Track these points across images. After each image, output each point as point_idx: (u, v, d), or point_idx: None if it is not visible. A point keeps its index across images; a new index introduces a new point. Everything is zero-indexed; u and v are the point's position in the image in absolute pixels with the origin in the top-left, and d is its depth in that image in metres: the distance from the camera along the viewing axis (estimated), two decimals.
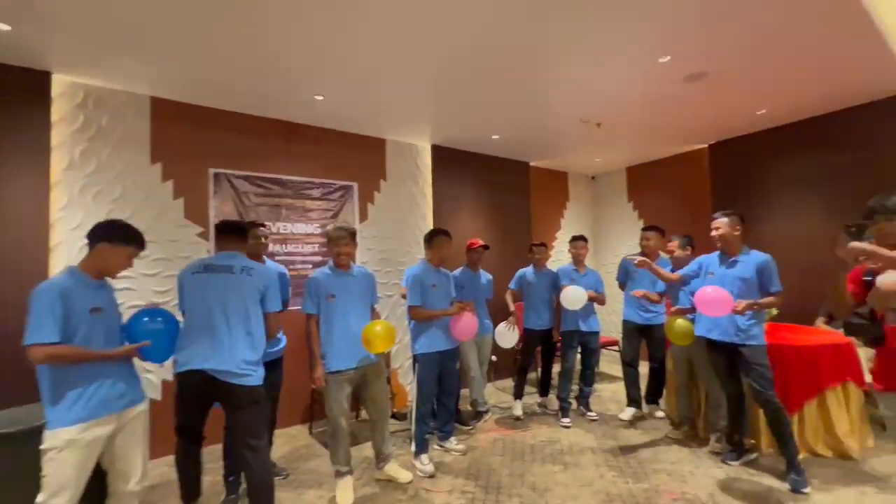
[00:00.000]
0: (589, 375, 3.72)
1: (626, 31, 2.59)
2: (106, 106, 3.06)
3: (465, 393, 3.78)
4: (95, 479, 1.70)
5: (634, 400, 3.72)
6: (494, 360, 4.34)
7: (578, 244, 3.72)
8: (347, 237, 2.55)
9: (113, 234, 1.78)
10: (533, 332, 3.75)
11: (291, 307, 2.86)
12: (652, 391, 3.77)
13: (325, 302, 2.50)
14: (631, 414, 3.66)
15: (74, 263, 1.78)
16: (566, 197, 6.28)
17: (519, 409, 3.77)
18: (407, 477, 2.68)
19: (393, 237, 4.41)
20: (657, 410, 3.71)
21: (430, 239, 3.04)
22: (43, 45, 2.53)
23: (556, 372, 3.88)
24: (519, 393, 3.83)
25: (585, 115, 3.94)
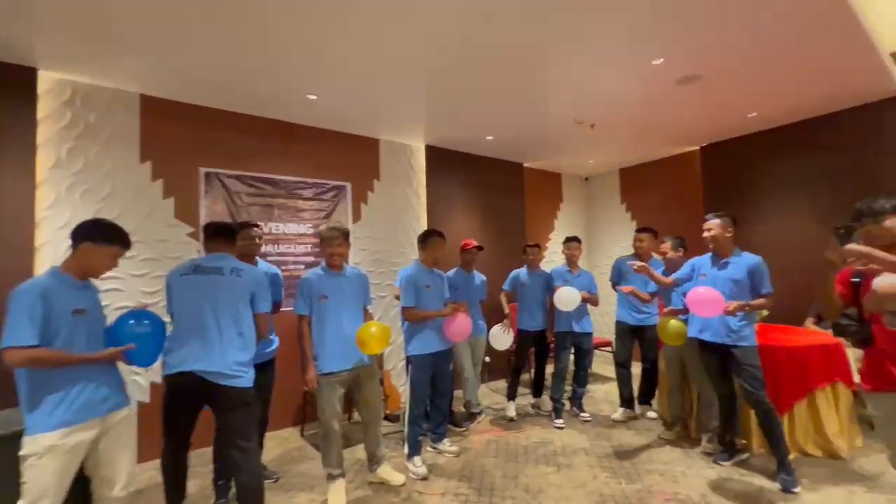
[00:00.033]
0: (582, 376, 3.73)
1: (620, 33, 2.59)
2: (94, 103, 3.01)
3: (458, 394, 3.77)
4: (79, 485, 1.66)
5: (627, 400, 3.73)
6: (488, 361, 4.34)
7: (572, 245, 3.73)
8: (340, 237, 2.53)
9: (97, 233, 1.73)
10: (527, 332, 3.75)
11: (284, 308, 2.83)
12: (644, 392, 3.79)
13: (317, 303, 2.48)
14: (623, 414, 3.68)
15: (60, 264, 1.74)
16: (560, 198, 6.30)
17: (512, 410, 3.77)
18: (400, 479, 2.66)
19: (386, 238, 4.39)
20: (649, 411, 3.73)
21: (423, 240, 3.02)
22: (29, 40, 2.48)
23: (549, 373, 3.88)
24: (512, 394, 3.83)
25: (579, 116, 3.95)
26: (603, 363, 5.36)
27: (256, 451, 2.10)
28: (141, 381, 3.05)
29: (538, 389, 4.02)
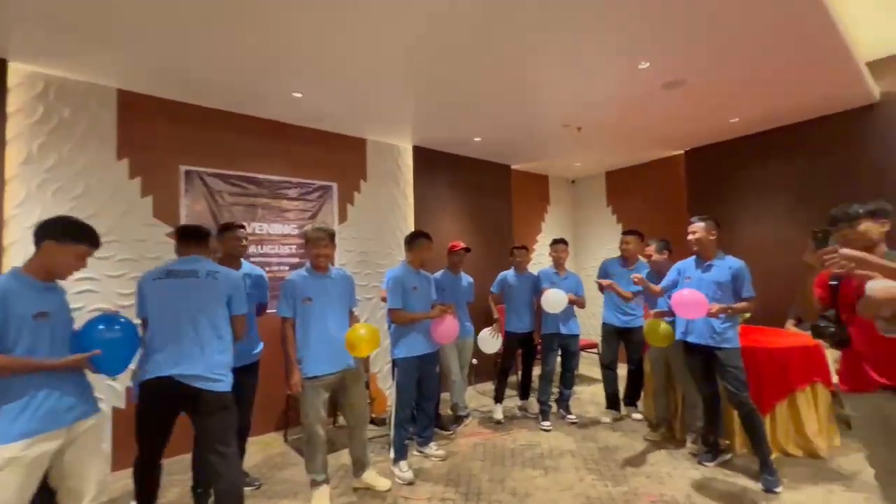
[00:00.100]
0: (569, 378, 3.73)
1: (606, 36, 2.61)
2: (68, 97, 2.89)
3: (445, 397, 3.74)
4: (43, 496, 1.57)
5: (613, 402, 3.75)
6: (475, 363, 4.32)
7: (559, 247, 3.74)
8: (327, 238, 2.48)
9: (60, 231, 1.62)
10: (514, 335, 3.75)
11: (269, 310, 2.76)
12: (630, 393, 3.81)
13: (301, 305, 2.42)
14: (609, 416, 3.70)
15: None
16: (547, 200, 6.33)
17: (499, 412, 3.75)
18: (385, 485, 2.62)
19: (373, 239, 4.34)
20: (635, 412, 3.76)
21: (410, 241, 2.99)
22: None
23: (535, 375, 3.88)
24: (499, 396, 3.81)
25: (566, 118, 3.97)
26: (589, 365, 5.39)
27: (236, 456, 2.05)
28: (117, 386, 2.94)
29: (525, 392, 4.01)
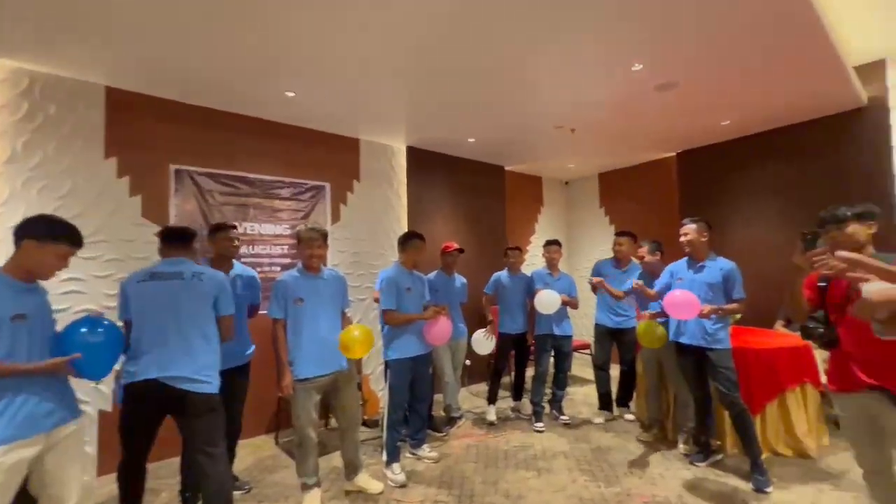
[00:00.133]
0: (562, 379, 3.73)
1: (600, 38, 2.61)
2: (54, 94, 2.84)
3: (438, 398, 3.72)
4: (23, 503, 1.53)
5: (606, 403, 3.76)
6: (468, 364, 4.31)
7: (552, 248, 3.75)
8: (320, 239, 2.46)
9: (40, 230, 1.57)
10: (507, 335, 3.74)
11: (261, 311, 2.73)
12: (622, 394, 3.82)
13: (292, 306, 2.40)
14: (602, 416, 3.71)
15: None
16: (541, 201, 6.34)
17: (493, 414, 3.74)
18: (377, 487, 2.59)
19: (366, 239, 4.31)
20: (627, 413, 3.77)
21: (404, 242, 2.98)
22: None
23: (528, 376, 3.88)
24: (493, 398, 3.81)
25: (560, 120, 3.97)
26: (582, 365, 5.40)
27: (224, 458, 2.03)
28: (103, 388, 2.88)
29: (518, 393, 4.01)
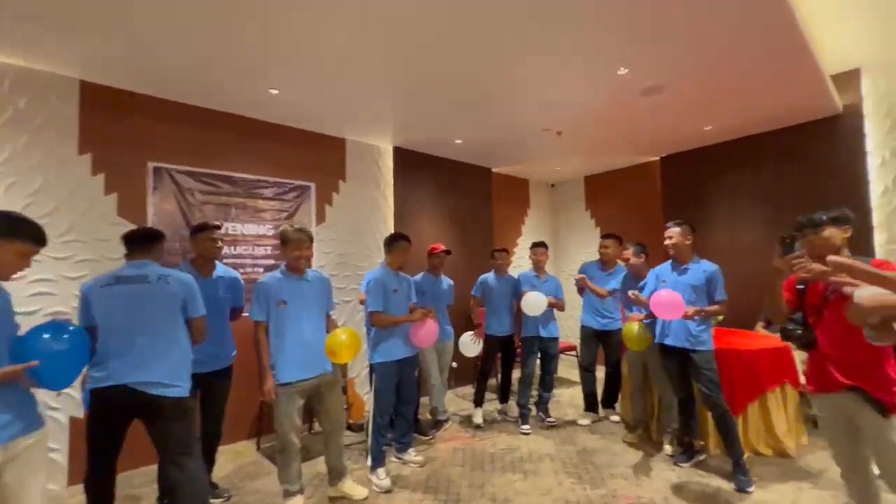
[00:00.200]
0: (548, 381, 3.74)
1: (587, 41, 2.62)
2: (25, 88, 2.72)
3: (424, 401, 3.69)
4: None
5: (591, 404, 3.78)
6: (455, 366, 4.28)
7: (539, 250, 3.75)
8: (308, 240, 2.42)
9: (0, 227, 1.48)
10: (494, 337, 3.73)
11: (244, 314, 2.66)
12: (608, 395, 3.85)
13: (275, 308, 2.34)
14: (588, 417, 3.72)
15: None
16: (527, 204, 6.37)
17: (479, 416, 3.72)
18: (362, 493, 2.54)
19: (352, 240, 4.26)
20: (613, 414, 3.79)
21: (390, 243, 2.94)
22: None
23: (515, 378, 3.87)
24: (479, 400, 3.79)
25: (547, 122, 3.99)
26: (568, 367, 5.43)
27: (198, 463, 1.98)
28: (73, 393, 2.77)
29: (505, 395, 4.00)
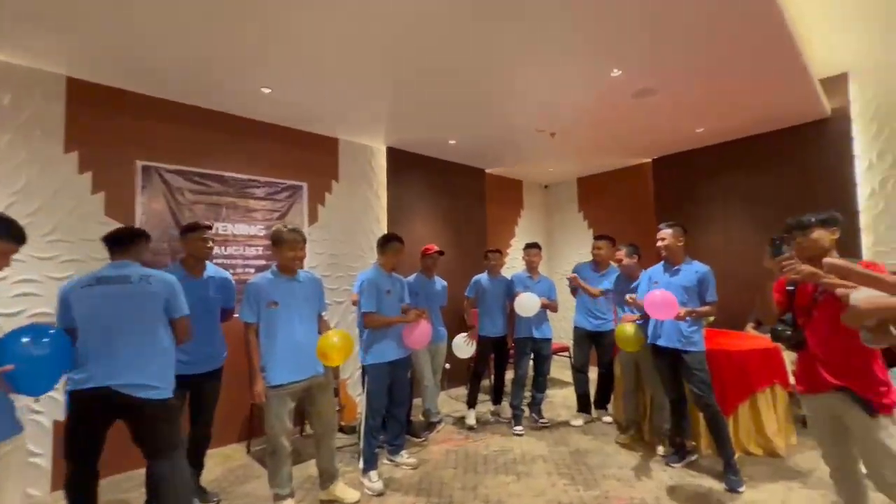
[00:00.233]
0: (541, 382, 3.73)
1: (581, 43, 2.63)
2: (8, 84, 2.66)
3: (417, 402, 3.67)
4: None
5: (584, 405, 3.79)
6: (448, 367, 4.27)
7: (532, 251, 3.76)
8: (302, 241, 2.40)
9: None
10: (487, 338, 3.72)
11: (235, 315, 2.62)
12: (600, 396, 3.86)
13: (266, 309, 2.31)
14: (580, 418, 3.72)
15: None
16: (521, 205, 6.38)
17: (472, 417, 3.71)
18: (354, 496, 2.51)
19: (344, 241, 4.23)
20: (605, 415, 3.80)
21: (383, 244, 2.92)
22: None
23: (508, 379, 3.86)
24: (472, 401, 3.77)
25: (540, 124, 4.00)
26: (561, 368, 5.43)
27: (183, 461, 1.95)
28: (57, 396, 2.70)
29: (498, 396, 3.99)
